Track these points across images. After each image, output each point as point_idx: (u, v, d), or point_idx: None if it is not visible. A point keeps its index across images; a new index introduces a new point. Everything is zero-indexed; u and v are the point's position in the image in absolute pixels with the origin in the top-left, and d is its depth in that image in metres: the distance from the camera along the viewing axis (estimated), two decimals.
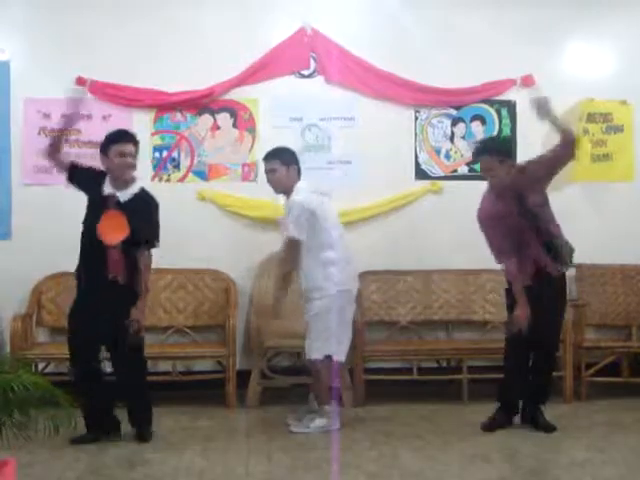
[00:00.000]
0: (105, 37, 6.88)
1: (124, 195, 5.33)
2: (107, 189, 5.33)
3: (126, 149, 5.30)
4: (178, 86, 6.96)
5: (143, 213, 5.35)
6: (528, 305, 5.41)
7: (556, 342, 5.79)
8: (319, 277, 5.68)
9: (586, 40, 7.26)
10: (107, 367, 5.58)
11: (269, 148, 6.91)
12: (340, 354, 5.77)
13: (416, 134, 7.21)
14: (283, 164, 5.81)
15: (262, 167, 6.73)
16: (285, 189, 5.82)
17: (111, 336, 5.27)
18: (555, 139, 5.44)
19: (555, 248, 5.44)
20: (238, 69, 6.99)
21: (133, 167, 5.36)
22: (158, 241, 5.44)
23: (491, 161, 5.45)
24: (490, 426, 5.67)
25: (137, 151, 5.40)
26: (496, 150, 5.55)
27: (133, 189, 5.38)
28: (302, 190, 5.73)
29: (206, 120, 7.07)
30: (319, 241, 5.68)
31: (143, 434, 5.45)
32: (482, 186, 7.12)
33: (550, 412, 5.77)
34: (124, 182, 5.34)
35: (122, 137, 5.37)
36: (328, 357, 5.70)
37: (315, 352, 5.71)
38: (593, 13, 7.20)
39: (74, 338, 5.36)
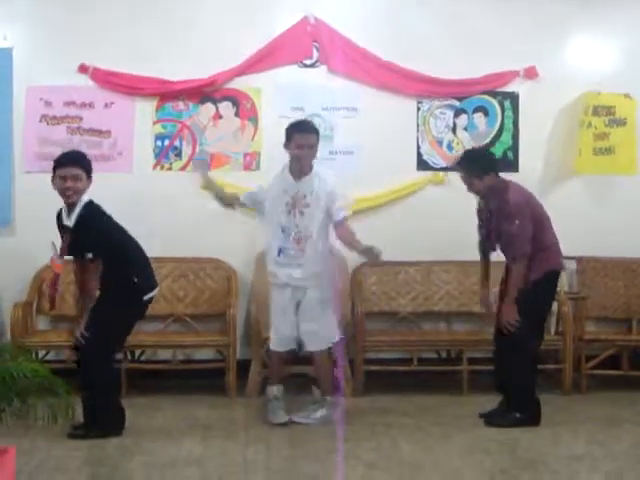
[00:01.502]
0: (108, 25, 6.85)
1: (71, 220, 5.21)
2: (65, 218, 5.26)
3: (67, 173, 5.14)
4: (180, 74, 6.93)
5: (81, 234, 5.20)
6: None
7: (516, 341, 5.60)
8: (328, 261, 5.66)
9: (589, 33, 7.24)
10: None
11: (271, 137, 6.92)
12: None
13: (418, 125, 7.19)
14: (318, 140, 5.70)
15: (265, 156, 6.79)
16: (310, 168, 5.69)
17: None
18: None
19: None
20: (241, 58, 6.96)
21: (72, 190, 5.15)
22: (89, 253, 5.15)
23: (466, 177, 5.70)
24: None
25: (86, 171, 5.22)
26: (468, 168, 5.70)
27: (77, 210, 5.20)
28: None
29: (208, 109, 7.06)
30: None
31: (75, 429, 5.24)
32: None
33: (550, 405, 5.78)
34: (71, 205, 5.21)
35: (63, 161, 5.22)
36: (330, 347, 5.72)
37: (327, 342, 5.70)
38: (597, 6, 7.17)
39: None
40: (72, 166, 5.17)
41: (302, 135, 5.60)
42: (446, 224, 6.96)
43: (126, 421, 5.35)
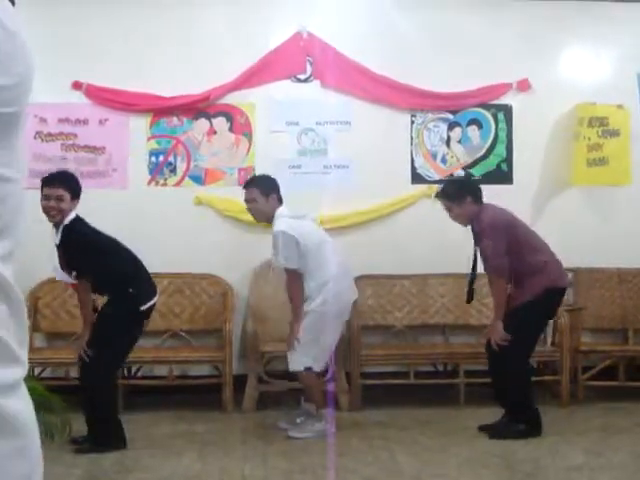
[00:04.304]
0: (101, 41, 6.88)
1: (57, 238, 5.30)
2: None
3: (51, 192, 5.15)
4: (174, 90, 6.96)
5: None
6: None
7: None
8: (312, 292, 5.68)
9: (582, 44, 7.27)
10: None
11: (266, 152, 6.94)
12: (319, 365, 5.77)
13: (412, 138, 7.21)
14: (262, 194, 5.71)
15: (259, 171, 6.80)
16: (267, 218, 5.77)
17: None
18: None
19: None
20: (234, 73, 6.99)
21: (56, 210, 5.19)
22: (74, 272, 5.27)
23: (446, 203, 5.79)
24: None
25: (72, 191, 5.21)
26: (447, 194, 5.81)
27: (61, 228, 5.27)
28: (282, 217, 5.66)
29: (202, 124, 7.07)
30: (308, 265, 5.64)
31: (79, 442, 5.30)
32: None
33: (547, 416, 5.76)
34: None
35: (48, 181, 5.23)
36: (308, 368, 5.70)
37: (295, 364, 5.70)
38: (589, 18, 7.22)
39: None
40: (57, 186, 5.16)
41: (244, 190, 5.85)
42: (441, 237, 6.96)
43: (126, 436, 5.35)
